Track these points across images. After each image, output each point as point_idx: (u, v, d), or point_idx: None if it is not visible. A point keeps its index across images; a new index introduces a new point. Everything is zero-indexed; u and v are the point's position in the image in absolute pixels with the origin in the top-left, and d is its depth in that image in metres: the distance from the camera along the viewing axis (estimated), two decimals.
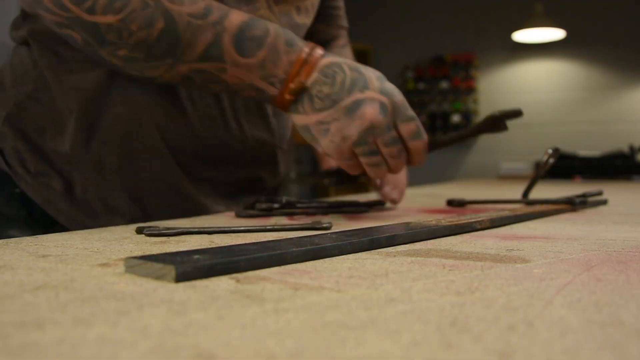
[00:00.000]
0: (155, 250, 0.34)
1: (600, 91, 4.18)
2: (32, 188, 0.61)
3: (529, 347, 0.16)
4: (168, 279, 0.24)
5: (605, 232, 0.44)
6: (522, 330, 0.18)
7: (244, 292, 0.23)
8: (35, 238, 0.38)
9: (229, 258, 0.26)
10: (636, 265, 0.29)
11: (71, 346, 0.16)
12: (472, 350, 0.16)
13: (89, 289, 0.23)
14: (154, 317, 0.19)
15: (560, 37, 3.75)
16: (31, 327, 0.18)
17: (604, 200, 0.74)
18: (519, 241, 0.38)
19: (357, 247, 0.34)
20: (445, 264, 0.29)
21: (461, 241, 0.39)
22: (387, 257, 0.32)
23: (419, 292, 0.23)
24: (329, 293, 0.23)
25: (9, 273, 0.26)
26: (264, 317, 0.19)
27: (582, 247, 0.36)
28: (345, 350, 0.16)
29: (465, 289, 0.23)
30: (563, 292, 0.23)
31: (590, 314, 0.19)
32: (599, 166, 3.31)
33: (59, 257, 0.30)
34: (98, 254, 0.32)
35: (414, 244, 0.37)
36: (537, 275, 0.26)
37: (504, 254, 0.33)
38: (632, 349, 0.16)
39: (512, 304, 0.21)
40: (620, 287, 0.24)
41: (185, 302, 0.21)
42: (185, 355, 0.15)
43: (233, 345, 0.16)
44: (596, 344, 0.16)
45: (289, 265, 0.29)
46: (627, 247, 0.36)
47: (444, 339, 0.17)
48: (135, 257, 0.26)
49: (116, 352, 0.15)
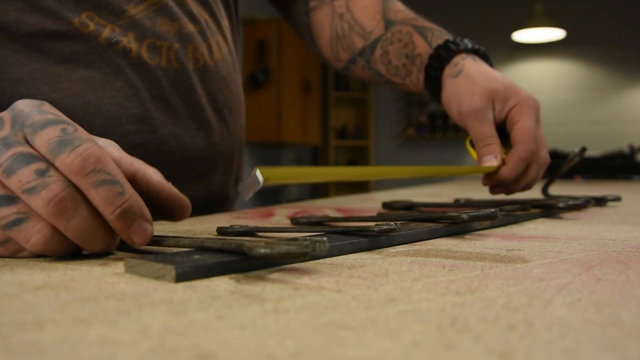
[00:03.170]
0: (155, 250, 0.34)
1: (600, 91, 4.19)
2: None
3: (529, 347, 0.16)
4: (168, 279, 0.24)
5: (605, 232, 0.44)
6: (522, 330, 0.18)
7: (244, 292, 0.23)
8: None
9: (229, 258, 0.26)
10: (636, 265, 0.29)
11: (71, 346, 0.16)
12: (472, 350, 0.16)
13: (89, 289, 0.23)
14: (154, 317, 0.19)
15: (560, 37, 3.75)
16: (31, 327, 0.18)
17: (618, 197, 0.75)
18: (519, 241, 0.38)
19: (357, 247, 0.34)
20: (445, 264, 0.29)
21: (461, 241, 0.39)
22: (387, 257, 0.32)
23: (419, 292, 0.23)
24: (329, 293, 0.23)
25: (9, 273, 0.26)
26: (264, 317, 0.19)
27: (582, 247, 0.36)
28: (345, 350, 0.16)
29: (465, 289, 0.23)
30: (563, 292, 0.23)
31: (590, 314, 0.19)
32: (599, 166, 3.31)
33: (59, 257, 0.30)
34: (98, 253, 0.32)
35: (414, 244, 0.37)
36: (537, 275, 0.26)
37: (504, 254, 0.33)
38: (632, 349, 0.16)
39: (512, 304, 0.21)
40: (620, 287, 0.24)
41: (185, 302, 0.21)
42: (185, 355, 0.15)
43: (233, 345, 0.16)
44: (596, 344, 0.16)
45: (289, 265, 0.29)
46: (627, 247, 0.36)
47: (444, 339, 0.17)
48: (135, 257, 0.26)
49: (116, 352, 0.15)
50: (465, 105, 0.56)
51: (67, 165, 0.28)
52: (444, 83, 0.59)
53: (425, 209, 0.59)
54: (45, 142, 0.28)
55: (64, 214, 0.27)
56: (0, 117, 0.30)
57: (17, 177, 0.27)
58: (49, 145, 0.28)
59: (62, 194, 0.27)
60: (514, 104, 0.55)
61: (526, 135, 0.53)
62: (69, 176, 0.28)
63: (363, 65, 0.67)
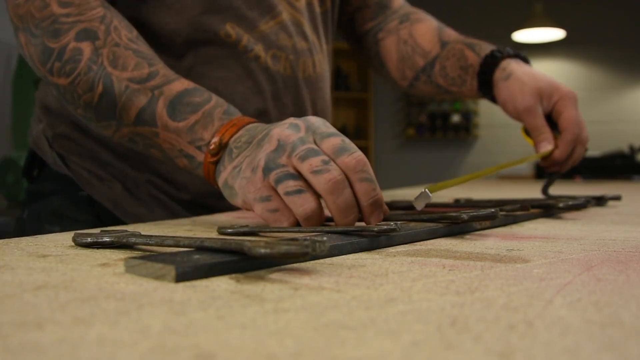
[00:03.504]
0: (155, 250, 0.34)
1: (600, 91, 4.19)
2: (98, 191, 0.64)
3: (529, 347, 0.16)
4: (168, 279, 0.24)
5: (605, 232, 0.44)
6: (522, 330, 0.18)
7: (244, 292, 0.23)
8: (35, 238, 0.38)
9: (229, 258, 0.26)
10: (636, 265, 0.29)
11: (71, 346, 0.16)
12: (472, 350, 0.16)
13: (89, 289, 0.23)
14: (154, 317, 0.19)
15: (560, 37, 3.75)
16: (31, 327, 0.18)
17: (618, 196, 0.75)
18: (519, 241, 0.38)
19: (357, 247, 0.34)
20: (445, 264, 0.29)
21: (461, 241, 0.39)
22: (387, 257, 0.32)
23: (419, 292, 0.23)
24: (329, 293, 0.23)
25: (9, 273, 0.26)
26: (264, 317, 0.19)
27: (582, 247, 0.36)
28: (345, 350, 0.16)
29: (465, 289, 0.23)
30: (563, 292, 0.23)
31: (590, 314, 0.19)
32: (599, 166, 3.31)
33: (59, 257, 0.30)
34: (98, 253, 0.32)
35: (414, 244, 0.37)
36: (537, 275, 0.26)
37: (504, 254, 0.33)
38: (632, 349, 0.16)
39: (512, 304, 0.21)
40: (620, 287, 0.24)
41: (185, 302, 0.21)
42: (185, 355, 0.15)
43: (233, 345, 0.16)
44: (596, 344, 0.16)
45: (289, 265, 0.29)
46: (627, 247, 0.36)
47: (444, 339, 0.17)
48: (135, 257, 0.26)
49: (116, 352, 0.15)
50: (519, 103, 0.69)
51: (345, 163, 0.40)
52: (496, 85, 0.72)
53: (425, 209, 0.59)
54: (330, 146, 0.40)
55: (336, 191, 0.39)
56: (297, 124, 0.42)
57: (308, 162, 0.39)
58: (333, 148, 0.40)
59: (338, 178, 0.39)
60: (557, 98, 0.68)
61: (571, 123, 0.67)
62: (344, 170, 0.39)
63: (425, 80, 0.81)
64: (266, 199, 0.41)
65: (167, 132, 0.50)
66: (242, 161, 0.44)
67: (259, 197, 0.41)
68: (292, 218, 0.41)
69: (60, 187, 0.67)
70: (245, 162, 0.44)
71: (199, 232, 0.43)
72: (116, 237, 0.34)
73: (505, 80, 0.70)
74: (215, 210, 0.67)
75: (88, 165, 0.66)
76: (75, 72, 0.51)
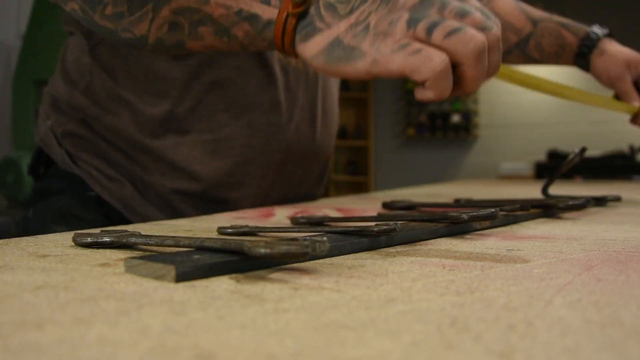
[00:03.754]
0: (155, 250, 0.34)
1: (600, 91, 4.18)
2: (107, 190, 0.64)
3: (529, 347, 0.16)
4: (168, 279, 0.24)
5: (605, 232, 0.44)
6: (522, 330, 0.18)
7: (244, 292, 0.23)
8: (35, 238, 0.38)
9: (229, 258, 0.26)
10: (636, 265, 0.29)
11: (71, 346, 0.16)
12: (472, 350, 0.16)
13: (89, 289, 0.23)
14: (154, 317, 0.19)
15: None
16: (31, 327, 0.18)
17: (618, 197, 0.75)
18: (519, 241, 0.38)
19: (357, 247, 0.34)
20: (445, 264, 0.29)
21: (461, 241, 0.39)
22: (387, 257, 0.32)
23: (419, 292, 0.23)
24: (329, 293, 0.23)
25: (9, 273, 0.26)
26: (264, 317, 0.19)
27: (582, 247, 0.36)
28: (345, 350, 0.16)
29: (465, 289, 0.23)
30: (563, 292, 0.23)
31: (590, 314, 0.19)
32: (599, 166, 3.31)
33: (59, 257, 0.30)
34: (98, 253, 0.32)
35: (414, 244, 0.37)
36: (537, 275, 0.26)
37: (504, 254, 0.33)
38: (632, 349, 0.16)
39: (512, 304, 0.21)
40: (620, 287, 0.24)
41: (185, 302, 0.21)
42: (185, 355, 0.15)
43: (233, 345, 0.16)
44: (596, 344, 0.16)
45: (289, 265, 0.29)
46: (627, 247, 0.36)
47: (444, 339, 0.17)
48: (135, 257, 0.26)
49: (116, 352, 0.15)
50: (612, 73, 0.84)
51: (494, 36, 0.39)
52: (592, 61, 0.86)
53: (425, 209, 0.59)
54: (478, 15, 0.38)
55: (497, 49, 0.39)
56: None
57: (472, 18, 0.37)
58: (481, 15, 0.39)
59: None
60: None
61: None
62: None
63: (518, 53, 0.91)
64: (406, 44, 0.37)
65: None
66: (366, 17, 0.39)
67: (399, 46, 0.37)
68: (443, 55, 0.36)
69: (67, 185, 0.66)
70: (374, 18, 0.39)
71: (199, 232, 0.43)
72: (116, 237, 0.34)
73: (600, 55, 0.85)
74: (225, 203, 0.67)
75: (97, 163, 0.65)
76: None
